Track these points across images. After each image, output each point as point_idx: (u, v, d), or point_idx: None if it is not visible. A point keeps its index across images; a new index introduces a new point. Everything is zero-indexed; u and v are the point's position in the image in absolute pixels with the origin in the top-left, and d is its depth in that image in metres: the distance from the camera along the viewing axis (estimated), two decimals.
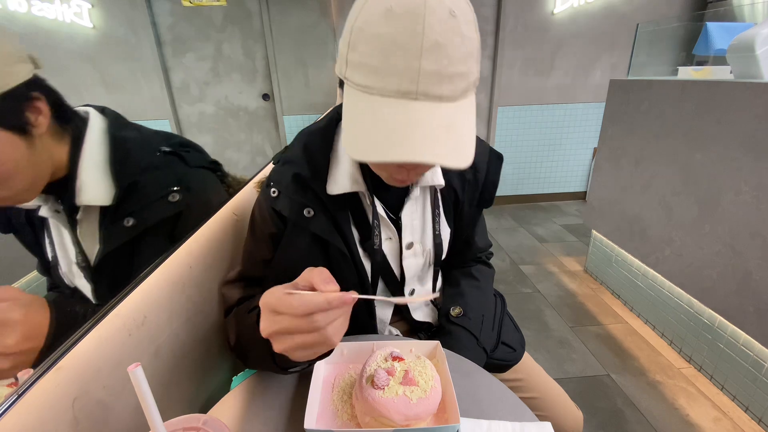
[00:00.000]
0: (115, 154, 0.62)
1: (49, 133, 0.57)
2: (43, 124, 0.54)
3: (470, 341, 0.68)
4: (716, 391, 1.45)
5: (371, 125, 0.42)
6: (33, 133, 0.53)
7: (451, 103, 0.43)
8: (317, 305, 0.37)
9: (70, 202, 0.60)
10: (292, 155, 0.61)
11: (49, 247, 0.67)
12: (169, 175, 0.65)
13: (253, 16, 2.93)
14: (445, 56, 0.40)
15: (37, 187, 0.57)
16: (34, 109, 0.53)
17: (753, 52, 1.28)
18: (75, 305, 0.53)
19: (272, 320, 0.39)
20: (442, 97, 0.42)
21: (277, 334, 0.39)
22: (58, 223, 0.64)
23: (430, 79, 0.40)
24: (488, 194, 0.72)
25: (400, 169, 0.51)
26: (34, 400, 0.34)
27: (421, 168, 0.53)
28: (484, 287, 0.78)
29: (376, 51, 0.40)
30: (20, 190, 0.54)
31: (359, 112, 0.43)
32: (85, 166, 0.60)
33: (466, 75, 0.43)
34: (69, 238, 0.64)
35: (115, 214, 0.61)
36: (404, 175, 0.52)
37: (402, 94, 0.41)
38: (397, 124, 0.40)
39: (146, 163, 0.64)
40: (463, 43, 0.41)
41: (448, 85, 0.41)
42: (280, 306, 0.38)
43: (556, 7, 2.95)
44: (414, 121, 0.41)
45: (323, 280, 0.39)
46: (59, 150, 0.59)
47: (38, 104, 0.53)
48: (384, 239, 0.65)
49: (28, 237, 0.69)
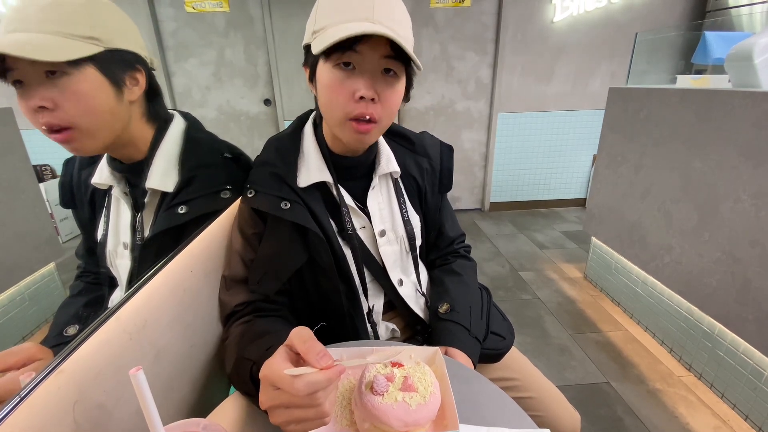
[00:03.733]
0: (186, 151, 0.72)
1: (140, 108, 0.67)
2: (135, 93, 0.64)
3: (463, 333, 0.71)
4: (716, 400, 1.44)
5: (339, 31, 0.52)
6: (124, 92, 0.62)
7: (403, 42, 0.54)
8: (319, 384, 0.38)
9: (140, 185, 0.68)
10: (266, 158, 0.69)
11: (102, 227, 0.73)
12: (224, 175, 0.72)
13: (256, 22, 2.95)
14: (389, 7, 0.55)
15: (104, 140, 0.62)
16: (132, 77, 0.63)
17: (751, 61, 1.29)
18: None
19: (272, 395, 0.40)
20: (395, 32, 0.53)
21: (277, 408, 0.40)
22: (122, 204, 0.71)
23: (382, 14, 0.53)
24: (446, 180, 0.81)
25: (358, 103, 0.57)
26: (36, 404, 0.34)
27: (377, 108, 0.58)
28: (467, 280, 0.81)
29: (338, 2, 0.55)
30: (91, 131, 0.60)
31: (329, 34, 0.53)
32: (160, 155, 0.69)
33: (407, 27, 0.57)
34: (127, 219, 0.71)
35: (172, 201, 0.67)
36: (362, 107, 0.57)
37: (363, 18, 0.53)
38: (362, 26, 0.51)
39: (208, 161, 0.72)
40: (402, 8, 0.57)
41: (398, 25, 0.55)
42: (281, 384, 0.38)
43: (555, 15, 2.98)
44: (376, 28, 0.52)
45: (317, 353, 0.39)
46: (144, 131, 0.69)
47: (138, 75, 0.64)
48: (358, 228, 0.71)
49: (86, 214, 0.76)
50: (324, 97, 0.59)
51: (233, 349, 0.58)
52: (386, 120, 0.62)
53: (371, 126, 0.59)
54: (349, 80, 0.56)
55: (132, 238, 0.70)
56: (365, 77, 0.56)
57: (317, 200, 0.67)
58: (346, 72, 0.56)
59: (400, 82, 0.60)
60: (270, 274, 0.64)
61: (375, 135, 0.63)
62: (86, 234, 0.78)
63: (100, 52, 0.57)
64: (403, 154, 0.77)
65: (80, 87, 0.56)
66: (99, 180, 0.71)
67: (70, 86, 0.55)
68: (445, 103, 3.27)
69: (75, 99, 0.56)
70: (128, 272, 0.71)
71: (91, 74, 0.57)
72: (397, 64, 0.57)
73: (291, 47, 3.02)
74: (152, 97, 0.70)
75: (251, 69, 3.08)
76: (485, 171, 3.48)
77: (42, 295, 1.54)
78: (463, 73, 3.18)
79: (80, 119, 0.57)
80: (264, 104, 3.20)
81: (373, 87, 0.57)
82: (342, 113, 0.58)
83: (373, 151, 0.72)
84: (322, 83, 0.59)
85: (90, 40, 0.56)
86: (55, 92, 0.55)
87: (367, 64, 0.56)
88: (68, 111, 0.56)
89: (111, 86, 0.60)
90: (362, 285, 0.72)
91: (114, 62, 0.60)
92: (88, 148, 0.62)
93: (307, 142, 0.70)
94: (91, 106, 0.58)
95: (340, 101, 0.57)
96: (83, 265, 0.81)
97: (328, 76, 0.57)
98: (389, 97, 0.59)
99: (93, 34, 0.56)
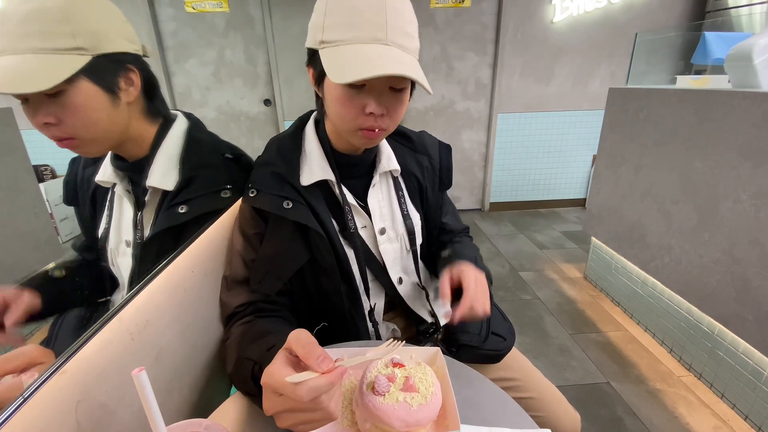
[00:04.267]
0: (187, 150, 0.72)
1: (138, 106, 0.67)
2: (131, 94, 0.64)
3: (469, 263, 0.70)
4: (716, 400, 1.44)
5: (353, 56, 0.53)
6: (120, 96, 0.62)
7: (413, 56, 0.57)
8: (321, 389, 0.38)
9: (142, 183, 0.68)
10: (268, 158, 0.70)
11: (104, 224, 0.74)
12: (225, 175, 0.73)
13: (256, 22, 2.95)
14: (401, 16, 0.55)
15: (107, 144, 0.64)
16: (126, 78, 0.63)
17: (751, 62, 1.29)
18: None
19: (275, 402, 0.40)
20: (406, 48, 0.56)
21: (282, 413, 0.40)
22: (124, 202, 0.72)
23: (395, 31, 0.54)
24: (446, 178, 0.83)
25: (368, 117, 0.58)
26: (39, 404, 0.34)
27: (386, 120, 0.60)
28: (467, 244, 0.83)
29: (351, 11, 0.54)
30: (92, 140, 0.61)
31: (341, 54, 0.54)
32: (161, 153, 0.70)
33: (415, 38, 0.58)
34: (130, 217, 0.71)
35: (173, 200, 0.68)
36: (372, 121, 0.59)
37: (376, 39, 0.54)
38: (375, 55, 0.53)
39: (209, 161, 0.73)
40: (410, 11, 0.57)
41: (407, 39, 0.56)
42: (284, 392, 0.38)
43: (555, 15, 2.98)
44: (388, 54, 0.53)
45: (317, 357, 0.39)
46: (146, 130, 0.70)
47: (131, 76, 0.64)
48: (360, 227, 0.72)
49: (87, 212, 0.77)
50: (333, 108, 0.61)
51: (234, 349, 0.58)
52: (393, 126, 0.63)
53: (381, 132, 0.61)
54: (359, 97, 0.58)
55: (134, 236, 0.71)
56: (374, 95, 0.58)
57: (319, 199, 0.67)
58: (356, 89, 0.57)
59: (406, 92, 0.61)
60: (271, 274, 0.65)
61: (383, 137, 0.65)
62: (87, 231, 0.79)
63: (88, 63, 0.57)
64: (404, 153, 0.77)
65: (76, 101, 0.57)
66: (102, 177, 0.71)
67: (68, 102, 0.56)
68: (445, 103, 3.27)
69: (73, 113, 0.57)
70: (129, 271, 0.71)
71: (84, 87, 0.57)
72: (405, 81, 0.58)
73: (291, 47, 3.02)
74: (150, 94, 0.70)
75: (251, 69, 3.08)
76: (485, 171, 3.48)
77: None
78: (463, 74, 3.18)
79: (81, 131, 0.59)
80: (264, 104, 3.20)
81: (382, 103, 0.58)
82: (352, 125, 0.60)
83: (373, 150, 0.72)
84: (332, 95, 0.60)
85: (76, 51, 0.55)
86: (56, 108, 0.56)
87: (376, 83, 0.57)
88: (69, 124, 0.58)
89: (105, 94, 0.60)
90: (364, 285, 0.72)
91: (104, 69, 0.59)
92: (94, 151, 0.65)
93: (309, 141, 0.70)
94: (89, 119, 0.59)
95: (350, 116, 0.59)
96: (80, 259, 0.81)
97: (338, 92, 0.58)
98: (397, 109, 0.61)
99: (77, 44, 0.55)
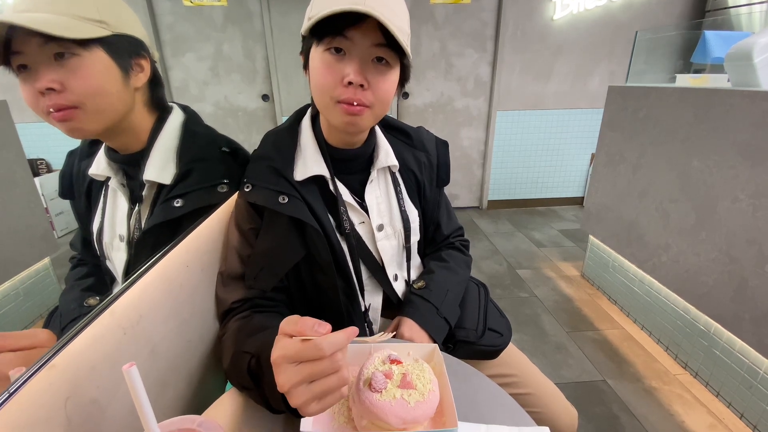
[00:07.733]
0: (184, 143, 0.71)
1: (143, 96, 0.68)
2: (140, 80, 0.66)
3: (430, 311, 0.72)
4: (712, 398, 1.45)
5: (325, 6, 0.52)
6: (130, 77, 0.63)
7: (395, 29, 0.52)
8: (341, 342, 0.38)
9: (138, 177, 0.68)
10: (263, 152, 0.68)
11: (98, 219, 0.73)
12: (222, 169, 0.72)
13: (254, 16, 2.93)
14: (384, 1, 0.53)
15: (105, 122, 0.62)
16: (138, 63, 0.65)
17: (751, 61, 1.29)
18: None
19: (291, 372, 0.39)
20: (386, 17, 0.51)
21: (299, 385, 0.39)
22: (118, 196, 0.71)
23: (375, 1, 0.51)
24: (444, 174, 0.82)
25: (347, 88, 0.56)
26: (26, 400, 0.33)
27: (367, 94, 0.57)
28: (453, 267, 0.81)
29: None
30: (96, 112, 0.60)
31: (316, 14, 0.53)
32: (158, 147, 0.69)
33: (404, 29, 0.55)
34: (124, 212, 0.70)
35: (168, 193, 0.67)
36: (350, 93, 0.56)
37: (353, 2, 0.51)
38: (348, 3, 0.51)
39: (206, 155, 0.72)
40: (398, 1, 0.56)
41: (390, 14, 0.52)
42: (305, 352, 0.38)
43: (555, 13, 2.97)
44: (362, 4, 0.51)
45: (312, 326, 0.39)
46: (145, 120, 0.69)
47: (143, 62, 0.66)
48: (357, 224, 0.71)
49: (82, 206, 0.76)
50: (314, 80, 0.59)
51: (230, 343, 0.57)
52: (378, 107, 0.60)
53: (362, 108, 0.58)
54: (339, 64, 0.56)
55: (128, 230, 0.70)
56: (355, 63, 0.55)
57: (315, 195, 0.66)
58: (337, 57, 0.56)
59: (392, 71, 0.59)
60: (267, 269, 0.64)
61: (368, 119, 0.61)
62: (83, 226, 0.78)
63: (108, 36, 0.59)
64: (401, 149, 0.76)
65: (90, 68, 0.57)
66: (96, 171, 0.70)
67: (80, 67, 0.56)
68: (444, 100, 3.26)
69: (84, 79, 0.57)
70: (124, 265, 0.71)
71: (100, 56, 0.58)
72: (389, 53, 0.56)
73: (289, 43, 3.00)
74: (155, 87, 0.71)
75: (249, 64, 3.06)
76: (483, 169, 3.48)
77: (37, 290, 1.53)
78: (462, 71, 3.17)
79: (88, 99, 0.58)
80: (262, 100, 3.18)
81: (363, 73, 0.56)
82: (330, 96, 0.58)
83: (371, 144, 0.71)
84: (313, 67, 0.59)
85: (98, 24, 0.58)
86: (63, 73, 0.55)
87: (357, 50, 0.55)
88: (76, 91, 0.57)
89: (119, 69, 0.61)
90: (359, 282, 0.71)
91: (121, 47, 0.61)
92: (88, 129, 0.61)
93: (304, 135, 0.69)
94: (99, 87, 0.59)
95: (328, 84, 0.57)
96: (79, 256, 0.81)
97: (318, 60, 0.57)
98: (379, 85, 0.58)
99: (101, 17, 0.58)
